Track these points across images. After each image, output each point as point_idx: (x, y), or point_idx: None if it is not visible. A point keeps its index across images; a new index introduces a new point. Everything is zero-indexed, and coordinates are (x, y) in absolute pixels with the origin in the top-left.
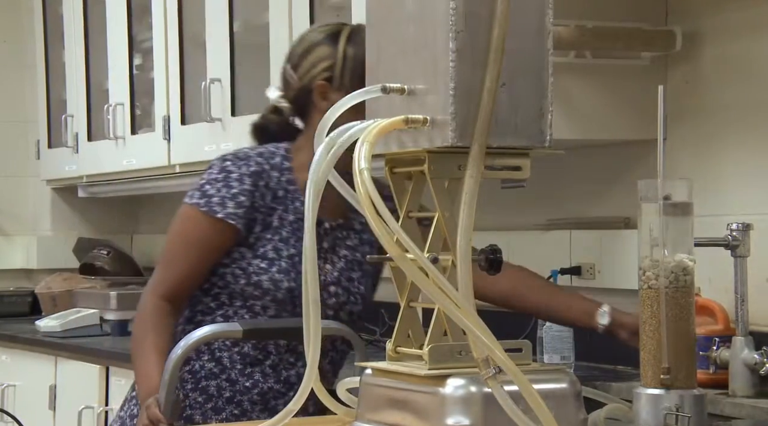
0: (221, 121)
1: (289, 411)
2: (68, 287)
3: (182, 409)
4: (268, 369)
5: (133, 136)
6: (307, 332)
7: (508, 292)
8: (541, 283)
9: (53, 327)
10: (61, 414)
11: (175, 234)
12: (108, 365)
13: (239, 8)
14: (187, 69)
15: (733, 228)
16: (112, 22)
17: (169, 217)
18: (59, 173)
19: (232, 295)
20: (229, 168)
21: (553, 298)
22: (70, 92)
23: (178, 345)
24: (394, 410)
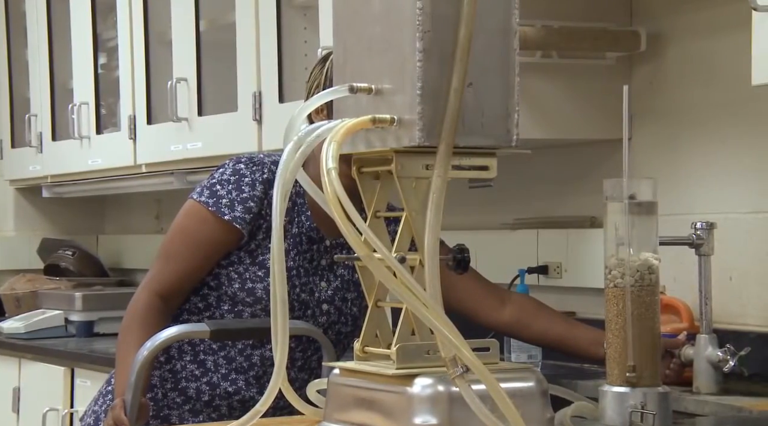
0: (188, 120)
1: (257, 411)
2: (32, 288)
3: (151, 411)
4: (252, 379)
5: (98, 136)
6: (274, 331)
7: (512, 322)
8: (546, 312)
9: (17, 328)
10: (25, 416)
11: (178, 229)
12: (73, 367)
13: (205, 7)
14: (152, 68)
15: (698, 227)
16: (76, 20)
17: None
18: (23, 173)
19: (220, 298)
20: (243, 171)
21: (557, 328)
22: (33, 91)
23: (144, 346)
24: (362, 410)
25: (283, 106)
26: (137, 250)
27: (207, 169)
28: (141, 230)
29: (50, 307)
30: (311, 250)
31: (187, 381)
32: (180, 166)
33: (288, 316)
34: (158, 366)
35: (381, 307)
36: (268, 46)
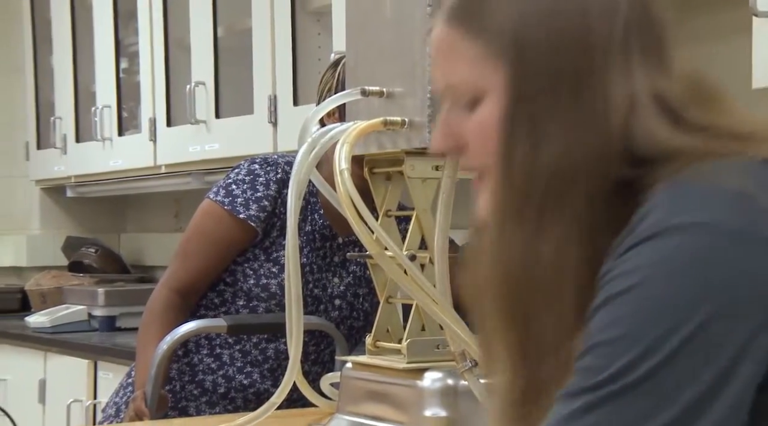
0: (206, 123)
1: (272, 403)
2: (57, 284)
3: (170, 403)
4: (267, 372)
5: (119, 138)
6: (289, 326)
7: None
8: None
9: (42, 323)
10: (51, 407)
11: (195, 228)
12: (96, 360)
13: (223, 13)
14: (172, 72)
15: None
16: (99, 27)
17: (155, 217)
18: (48, 174)
19: (236, 294)
20: (257, 171)
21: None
22: (58, 95)
23: (164, 340)
24: (374, 402)
25: (297, 108)
26: (157, 247)
27: (224, 169)
28: (160, 229)
29: (74, 302)
30: (324, 248)
31: (204, 374)
32: (198, 167)
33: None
34: (176, 359)
35: (392, 303)
36: (283, 51)
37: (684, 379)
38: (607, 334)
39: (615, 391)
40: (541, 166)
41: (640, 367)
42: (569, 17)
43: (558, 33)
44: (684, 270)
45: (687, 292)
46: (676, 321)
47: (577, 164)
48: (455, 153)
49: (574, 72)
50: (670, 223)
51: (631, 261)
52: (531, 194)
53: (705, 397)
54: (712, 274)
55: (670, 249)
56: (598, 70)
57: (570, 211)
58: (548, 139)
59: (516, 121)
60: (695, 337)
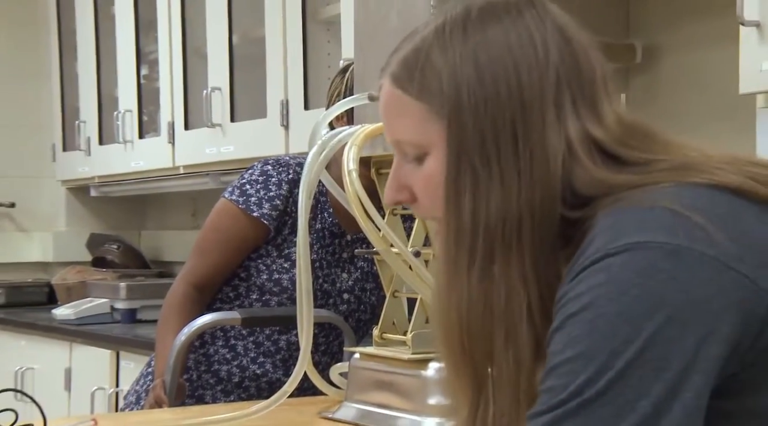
0: (221, 126)
1: (284, 392)
2: (82, 279)
3: (187, 391)
4: (279, 362)
5: (140, 140)
6: (300, 319)
7: None
8: None
9: (68, 315)
10: (76, 394)
11: (211, 226)
12: (118, 350)
13: (238, 22)
14: (189, 78)
15: None
16: (121, 36)
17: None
18: (73, 174)
19: (249, 288)
20: (270, 172)
21: None
22: (82, 100)
23: (182, 332)
24: (380, 391)
25: (308, 112)
26: (175, 244)
27: (238, 170)
28: (179, 226)
29: (97, 296)
30: (333, 244)
31: (219, 364)
32: (214, 168)
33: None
34: (193, 350)
35: (398, 297)
36: (294, 58)
37: (639, 389)
38: (566, 355)
39: (577, 405)
40: (486, 216)
41: (599, 381)
42: (502, 76)
43: (493, 91)
44: (629, 288)
45: (634, 308)
46: (626, 336)
47: (521, 212)
48: (408, 204)
49: (511, 126)
50: (613, 246)
51: (582, 284)
52: (479, 243)
53: (660, 405)
54: (655, 290)
55: (615, 269)
56: (533, 123)
57: (517, 255)
58: (491, 190)
59: (459, 174)
60: (646, 350)
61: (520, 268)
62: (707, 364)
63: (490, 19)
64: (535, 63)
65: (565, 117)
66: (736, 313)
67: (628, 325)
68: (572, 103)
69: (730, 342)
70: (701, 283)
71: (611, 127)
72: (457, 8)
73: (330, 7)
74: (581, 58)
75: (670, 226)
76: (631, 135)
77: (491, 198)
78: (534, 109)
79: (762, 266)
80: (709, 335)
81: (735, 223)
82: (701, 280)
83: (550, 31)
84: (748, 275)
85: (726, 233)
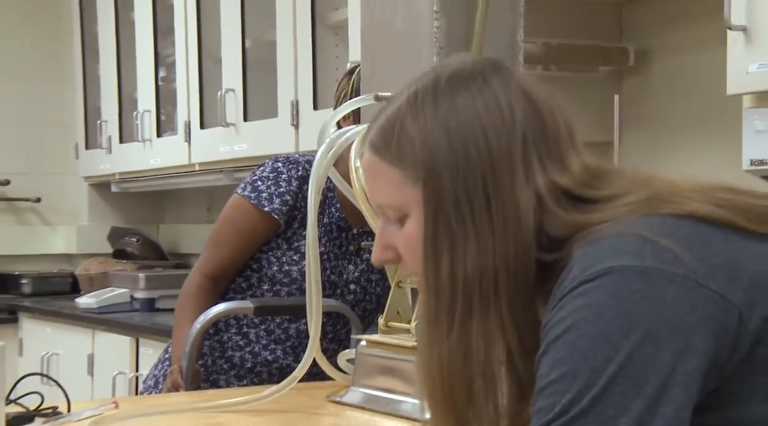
0: (235, 125)
1: (294, 377)
2: (103, 269)
3: (202, 376)
4: (289, 349)
5: (158, 139)
6: (309, 308)
7: None
8: None
9: (90, 304)
10: (98, 379)
11: (225, 220)
12: (138, 337)
13: (250, 27)
14: (205, 80)
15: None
16: (140, 40)
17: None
18: (95, 171)
19: (261, 279)
20: (280, 169)
21: None
22: (104, 101)
23: (197, 320)
24: (386, 376)
25: (317, 112)
26: (192, 237)
27: (251, 167)
28: (195, 220)
29: (118, 285)
30: (340, 238)
31: (233, 350)
32: (228, 165)
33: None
34: (208, 337)
35: (402, 288)
36: (304, 61)
37: (621, 406)
38: (552, 377)
39: (564, 423)
40: (464, 273)
41: (583, 400)
42: (472, 140)
43: (463, 155)
44: (605, 310)
45: (611, 329)
46: (606, 354)
47: (496, 266)
48: (394, 263)
49: (483, 186)
50: (588, 273)
51: (562, 310)
52: (457, 300)
53: (642, 420)
54: (628, 310)
55: (592, 293)
56: (503, 181)
57: (495, 307)
58: (467, 248)
59: (436, 234)
60: (625, 367)
61: (498, 320)
62: (686, 378)
63: (459, 86)
64: (502, 126)
65: (533, 173)
66: (709, 327)
67: (607, 345)
68: (539, 160)
69: (708, 355)
70: (672, 300)
71: (577, 174)
72: (427, 77)
73: (338, 12)
74: (546, 117)
75: (639, 250)
76: (596, 177)
77: (468, 255)
78: (503, 169)
79: (730, 282)
80: (684, 350)
81: (702, 245)
82: (672, 298)
83: (515, 95)
84: (718, 291)
85: (693, 254)
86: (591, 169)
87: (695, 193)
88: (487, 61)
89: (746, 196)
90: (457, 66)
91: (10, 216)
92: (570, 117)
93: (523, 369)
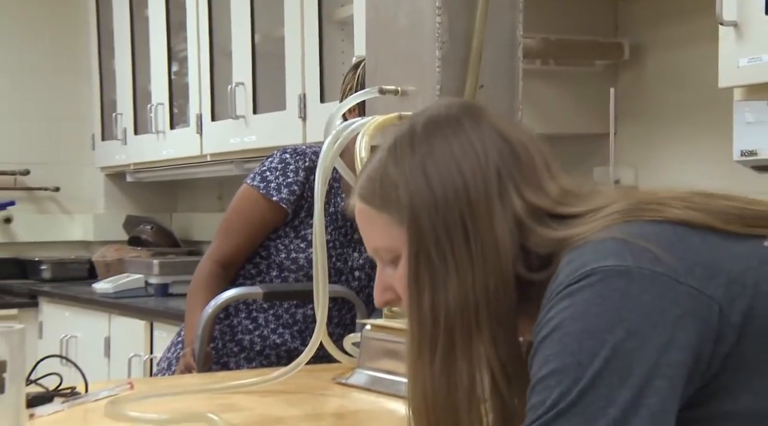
0: (245, 118)
1: (302, 360)
2: (119, 256)
3: (213, 359)
4: (296, 333)
5: (171, 131)
6: (316, 293)
7: None
8: None
9: (107, 289)
10: (114, 360)
11: (235, 209)
12: (152, 321)
13: (260, 23)
14: (216, 74)
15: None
16: (154, 36)
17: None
18: (110, 161)
19: (269, 266)
20: (288, 160)
21: None
22: (119, 94)
23: (209, 305)
24: (390, 359)
25: (323, 105)
26: (203, 225)
27: (260, 158)
28: (206, 209)
29: (133, 271)
30: (345, 226)
31: (242, 334)
32: (238, 156)
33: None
34: (219, 321)
35: None
36: (311, 56)
37: (608, 398)
38: (542, 373)
39: (554, 416)
40: (446, 307)
41: (571, 393)
42: (449, 180)
43: (441, 195)
44: (589, 307)
45: (595, 325)
46: (591, 349)
47: (477, 298)
48: (395, 303)
49: (461, 223)
50: (573, 276)
51: (550, 312)
52: (440, 334)
53: (628, 410)
54: (612, 307)
55: (576, 294)
56: (481, 216)
57: (477, 338)
58: (448, 282)
59: (419, 271)
60: (610, 361)
61: (479, 349)
62: (669, 371)
63: (434, 131)
64: (476, 164)
65: (511, 204)
66: (690, 321)
67: (592, 340)
68: (516, 191)
69: (690, 349)
70: (654, 297)
71: (555, 196)
72: (405, 127)
73: (344, 9)
74: (520, 150)
75: (620, 252)
76: (576, 197)
77: (449, 289)
78: (480, 205)
79: (709, 279)
80: (667, 343)
81: (681, 246)
82: (653, 294)
83: (487, 134)
84: (697, 287)
85: (672, 254)
86: (569, 191)
87: (673, 200)
88: (459, 105)
89: (722, 200)
90: (431, 113)
91: (30, 205)
92: (544, 148)
93: (508, 395)
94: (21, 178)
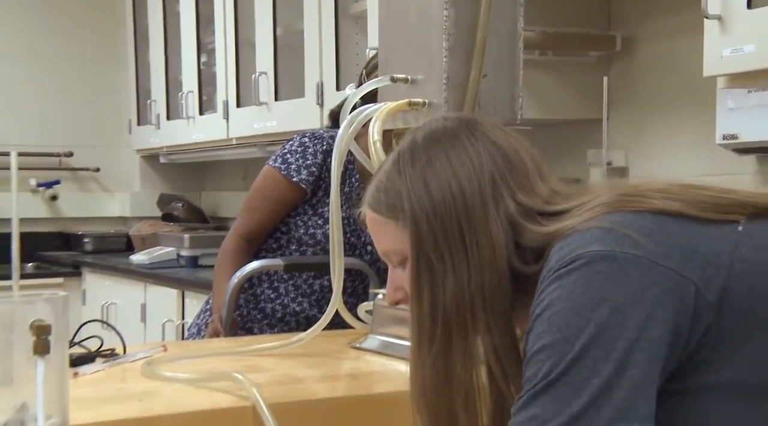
0: (267, 104)
1: (319, 326)
2: (153, 231)
3: (239, 325)
4: (314, 301)
5: (200, 116)
6: (333, 265)
7: None
8: None
9: (143, 260)
10: (150, 325)
11: (258, 188)
12: (183, 290)
13: (281, 17)
14: (241, 64)
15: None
16: (184, 29)
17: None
18: (145, 144)
19: (289, 240)
20: (307, 144)
21: None
22: (153, 83)
23: (235, 275)
24: (400, 326)
25: (339, 92)
26: (229, 202)
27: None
28: (232, 188)
29: (166, 245)
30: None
31: (265, 302)
32: (261, 140)
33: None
34: (243, 291)
35: None
36: (328, 47)
37: (592, 370)
38: (534, 348)
39: (544, 386)
40: (443, 304)
41: (560, 365)
42: (446, 187)
43: (440, 200)
44: (575, 288)
45: (581, 303)
46: (578, 325)
47: (472, 295)
48: (405, 301)
49: (458, 225)
50: (562, 262)
51: (542, 293)
52: (437, 326)
53: (611, 381)
54: (596, 287)
55: (565, 277)
56: (476, 218)
57: (473, 332)
58: (446, 280)
59: (420, 271)
60: (596, 336)
61: (475, 342)
62: (649, 345)
63: (432, 143)
64: (472, 171)
65: (505, 206)
66: (668, 299)
67: (578, 317)
68: (509, 194)
69: (668, 325)
70: (634, 278)
71: (546, 196)
72: (406, 141)
73: (358, 4)
74: (512, 157)
75: (604, 238)
76: (565, 197)
77: (446, 288)
78: (476, 208)
79: (685, 261)
80: (647, 320)
81: (659, 231)
82: (634, 275)
83: (482, 144)
84: (674, 269)
85: (651, 239)
86: (558, 191)
87: (653, 192)
88: (456, 119)
89: (698, 190)
90: (430, 127)
91: (74, 184)
92: (536, 153)
93: (504, 386)
94: (65, 159)
